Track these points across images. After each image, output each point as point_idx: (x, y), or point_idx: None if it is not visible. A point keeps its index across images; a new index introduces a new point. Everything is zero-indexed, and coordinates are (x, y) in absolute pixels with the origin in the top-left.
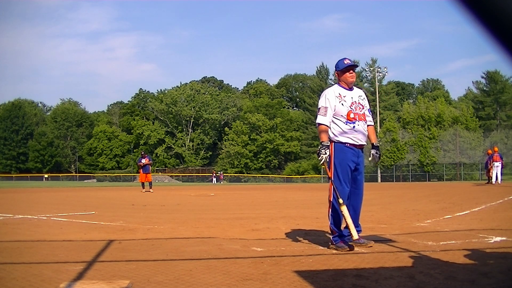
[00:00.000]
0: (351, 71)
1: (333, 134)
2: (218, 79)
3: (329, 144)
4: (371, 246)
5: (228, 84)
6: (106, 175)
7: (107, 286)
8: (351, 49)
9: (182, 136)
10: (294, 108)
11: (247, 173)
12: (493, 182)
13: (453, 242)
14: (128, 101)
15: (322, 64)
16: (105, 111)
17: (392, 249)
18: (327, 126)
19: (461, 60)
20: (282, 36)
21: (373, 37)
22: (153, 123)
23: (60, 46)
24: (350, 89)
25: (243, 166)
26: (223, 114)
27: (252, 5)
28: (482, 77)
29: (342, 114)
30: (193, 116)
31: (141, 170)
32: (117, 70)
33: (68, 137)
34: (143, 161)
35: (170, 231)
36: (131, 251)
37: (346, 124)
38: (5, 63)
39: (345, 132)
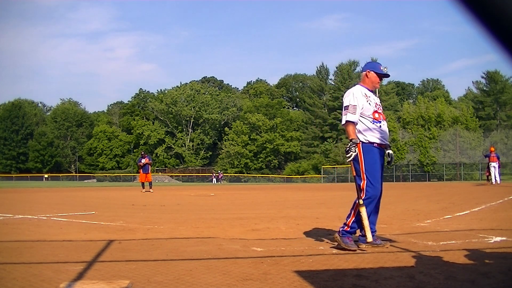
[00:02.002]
0: (381, 80)
1: (360, 133)
2: (218, 79)
3: (358, 142)
4: (387, 247)
5: (228, 84)
6: (106, 175)
7: (107, 286)
8: (351, 49)
9: (182, 136)
10: (294, 108)
11: (247, 173)
12: (493, 183)
13: (453, 242)
14: (128, 101)
15: (322, 64)
16: (105, 111)
17: (392, 249)
18: (356, 124)
19: (461, 60)
20: (282, 36)
21: (373, 37)
22: (153, 123)
23: (60, 46)
24: (372, 91)
25: (243, 166)
26: (223, 114)
27: (252, 5)
28: (482, 77)
29: (368, 113)
30: (193, 116)
31: (141, 170)
32: (117, 70)
33: (68, 137)
34: (143, 161)
35: (170, 231)
36: (131, 251)
37: (373, 123)
38: (5, 63)
39: (372, 131)
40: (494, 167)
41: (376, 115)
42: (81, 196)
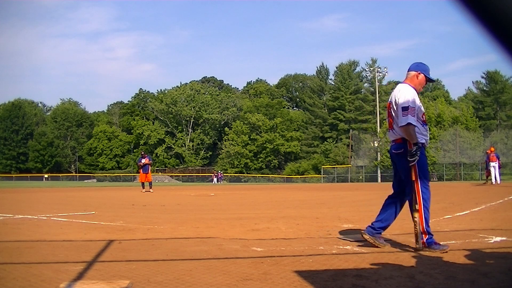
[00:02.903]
0: (425, 84)
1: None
2: (218, 79)
3: (420, 145)
4: (387, 248)
5: (228, 84)
6: (106, 175)
7: (107, 286)
8: (351, 49)
9: (182, 136)
10: (294, 108)
11: (247, 173)
12: (493, 183)
13: (453, 242)
14: (128, 101)
15: (322, 64)
16: (105, 111)
17: (392, 249)
18: (415, 126)
19: (461, 60)
20: (282, 36)
21: (373, 37)
22: (153, 123)
23: (60, 46)
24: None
25: (243, 166)
26: (223, 114)
27: (252, 5)
28: (482, 77)
29: (420, 115)
30: (193, 116)
31: (141, 170)
32: (117, 70)
33: (68, 137)
34: (143, 161)
35: (170, 231)
36: (131, 251)
37: (423, 126)
38: (5, 63)
39: (422, 134)
40: (493, 167)
41: (424, 117)
42: (81, 196)
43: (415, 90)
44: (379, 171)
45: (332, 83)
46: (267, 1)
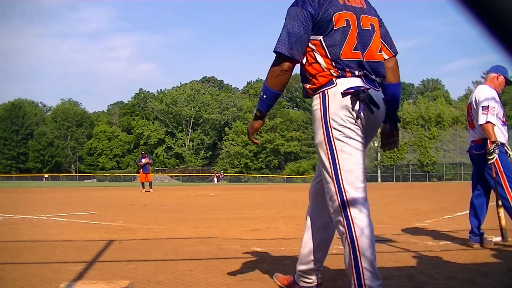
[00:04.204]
0: (505, 86)
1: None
2: (218, 79)
3: (499, 143)
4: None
5: (228, 84)
6: (106, 175)
7: (107, 286)
8: None
9: (182, 136)
10: (294, 108)
11: (247, 173)
12: None
13: (453, 242)
14: (128, 101)
15: None
16: (105, 111)
17: (392, 249)
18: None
19: (461, 60)
20: None
21: None
22: (153, 123)
23: (60, 46)
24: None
25: (243, 166)
26: (223, 114)
27: (252, 5)
28: (482, 77)
29: (500, 115)
30: (193, 116)
31: (141, 170)
32: (117, 70)
33: (68, 137)
34: (143, 161)
35: (170, 231)
36: (131, 251)
37: (503, 125)
38: (5, 63)
39: (501, 133)
40: None
41: (504, 118)
42: (81, 196)
43: (495, 91)
44: (379, 171)
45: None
46: (267, 1)
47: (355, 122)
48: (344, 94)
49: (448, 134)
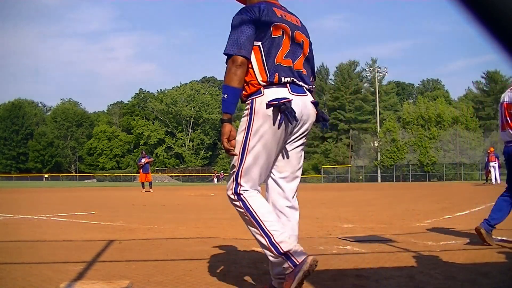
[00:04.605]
0: None
1: None
2: (218, 79)
3: None
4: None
5: None
6: (106, 175)
7: (107, 286)
8: (351, 49)
9: (182, 136)
10: None
11: None
12: (493, 183)
13: (453, 242)
14: (128, 101)
15: (322, 64)
16: (105, 111)
17: (392, 249)
18: None
19: (461, 60)
20: None
21: (373, 37)
22: (153, 123)
23: (60, 46)
24: None
25: None
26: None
27: None
28: (482, 77)
29: None
30: (193, 116)
31: (141, 170)
32: (117, 70)
33: (68, 137)
34: (143, 160)
35: (170, 231)
36: (131, 251)
37: None
38: (5, 63)
39: None
40: (493, 167)
41: None
42: (81, 196)
43: None
44: (379, 171)
45: (332, 83)
46: None
47: (277, 130)
48: (268, 105)
49: (448, 134)
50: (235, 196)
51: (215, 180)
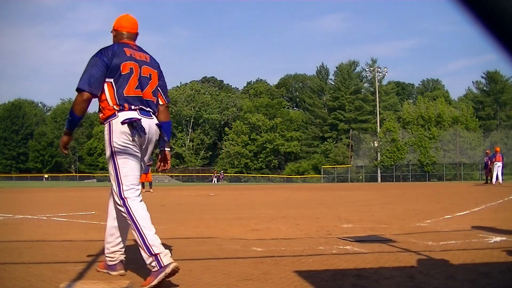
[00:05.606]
0: None
1: None
2: (218, 79)
3: None
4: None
5: (228, 84)
6: (106, 175)
7: (107, 286)
8: (351, 49)
9: (182, 136)
10: (294, 108)
11: (247, 173)
12: (493, 182)
13: (453, 242)
14: None
15: (322, 64)
16: None
17: (392, 249)
18: None
19: (461, 60)
20: (282, 36)
21: (373, 37)
22: None
23: (60, 46)
24: None
25: (243, 166)
26: (223, 114)
27: (252, 5)
28: (482, 77)
29: None
30: (193, 116)
31: None
32: None
33: None
34: None
35: (170, 231)
36: (131, 251)
37: None
38: (5, 63)
39: None
40: (498, 166)
41: None
42: (81, 196)
43: None
44: (379, 171)
45: (332, 83)
46: (267, 1)
47: (132, 142)
48: (123, 123)
49: (448, 134)
50: (121, 202)
51: (215, 180)
